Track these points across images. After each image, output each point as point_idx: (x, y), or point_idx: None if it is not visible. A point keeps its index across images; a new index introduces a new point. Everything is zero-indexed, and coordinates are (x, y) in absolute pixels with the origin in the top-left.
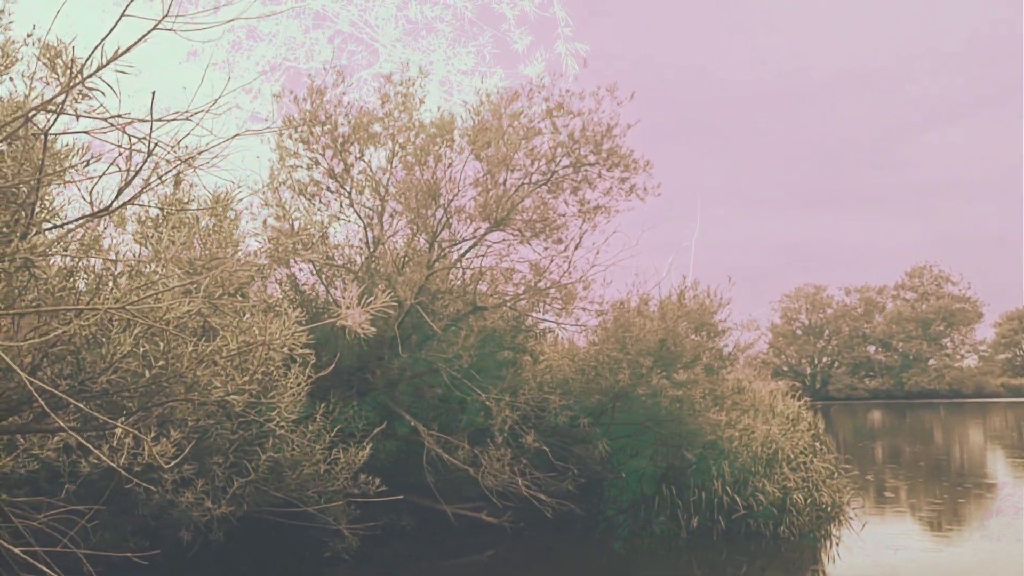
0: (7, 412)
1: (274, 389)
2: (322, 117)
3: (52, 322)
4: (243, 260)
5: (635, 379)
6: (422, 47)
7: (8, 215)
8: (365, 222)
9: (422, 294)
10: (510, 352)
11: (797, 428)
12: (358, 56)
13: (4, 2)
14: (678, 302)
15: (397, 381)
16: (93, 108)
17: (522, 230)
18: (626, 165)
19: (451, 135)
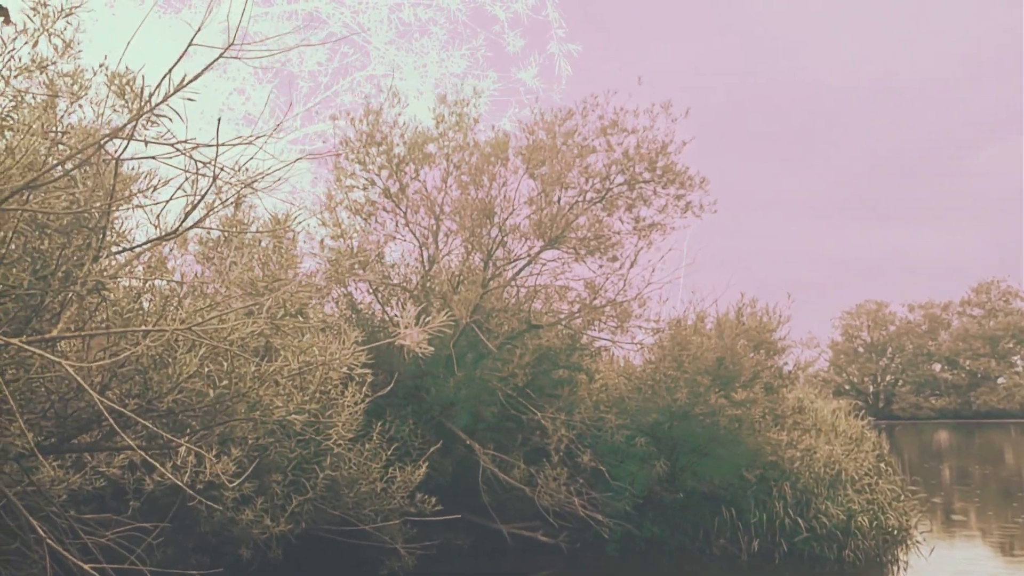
0: (77, 431)
1: (332, 407)
2: (378, 138)
3: (121, 342)
4: (304, 281)
5: (693, 398)
6: (415, 49)
7: (81, 239)
8: (420, 241)
9: (477, 312)
10: (565, 370)
11: (861, 448)
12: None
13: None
14: (736, 320)
15: (453, 400)
16: (161, 134)
17: (577, 248)
18: (681, 182)
19: (505, 154)
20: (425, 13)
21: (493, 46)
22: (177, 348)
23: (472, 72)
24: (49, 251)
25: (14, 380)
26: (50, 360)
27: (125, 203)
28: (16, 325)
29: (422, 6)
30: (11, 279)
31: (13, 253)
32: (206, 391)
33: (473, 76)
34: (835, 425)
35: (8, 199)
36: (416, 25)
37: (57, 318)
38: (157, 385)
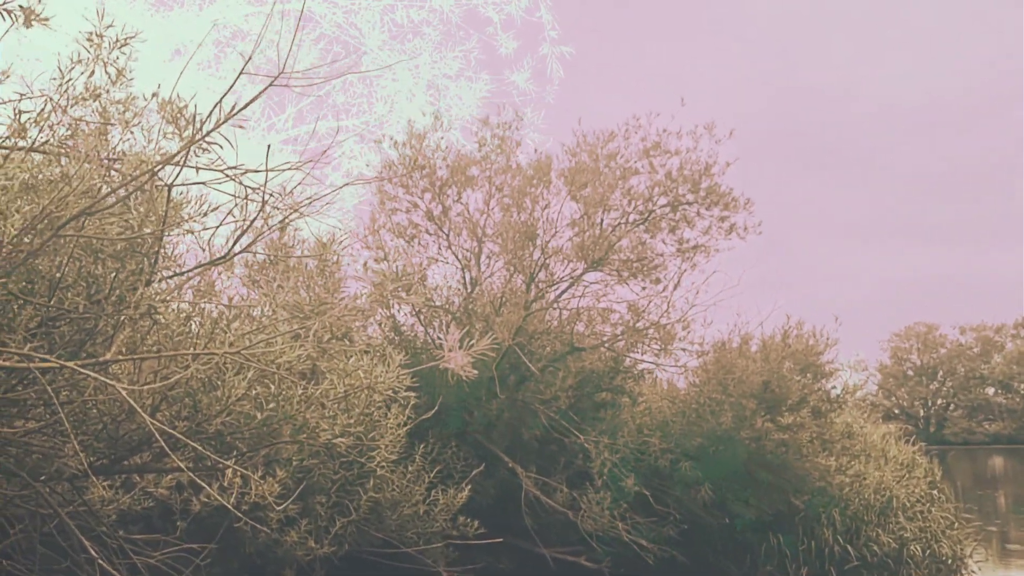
0: (128, 452)
1: (375, 429)
2: (421, 161)
3: (171, 365)
4: (350, 305)
5: (738, 422)
6: (408, 50)
7: (134, 264)
8: (463, 263)
9: (520, 335)
10: (608, 393)
11: (912, 474)
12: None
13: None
14: (782, 342)
15: (495, 422)
16: (211, 161)
17: (619, 270)
18: (725, 204)
19: (548, 176)
20: (418, 15)
21: (486, 48)
22: (226, 371)
23: (465, 74)
24: (103, 276)
25: (68, 402)
26: (103, 383)
27: (176, 228)
28: (71, 348)
29: (415, 7)
30: (67, 303)
31: (68, 277)
32: (254, 414)
33: (465, 78)
34: (885, 450)
35: (65, 225)
36: (409, 27)
37: (110, 341)
38: (206, 408)
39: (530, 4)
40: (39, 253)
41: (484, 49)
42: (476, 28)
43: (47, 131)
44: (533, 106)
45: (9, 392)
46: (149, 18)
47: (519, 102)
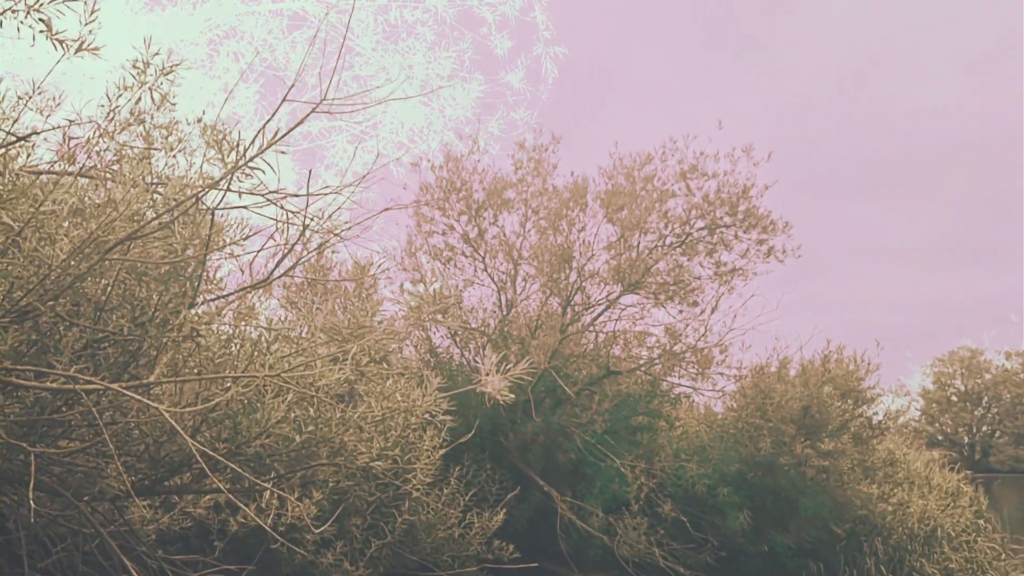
0: (169, 473)
1: (411, 452)
2: (458, 184)
3: (212, 387)
4: (388, 329)
5: (777, 447)
6: (401, 50)
7: (177, 286)
8: (498, 285)
9: (555, 358)
10: (645, 417)
11: (957, 503)
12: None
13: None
14: (822, 367)
15: (530, 445)
16: (254, 186)
17: (656, 293)
18: (763, 227)
19: (584, 199)
20: (412, 15)
21: (480, 48)
22: (265, 393)
23: (458, 74)
24: (147, 298)
25: (112, 423)
26: (146, 404)
27: (219, 251)
28: (115, 370)
29: (408, 8)
30: (112, 325)
31: (113, 300)
32: (292, 436)
33: (459, 78)
34: (929, 478)
35: (111, 249)
36: (403, 27)
37: (153, 363)
38: (246, 430)
39: (524, 4)
40: (86, 276)
41: (478, 49)
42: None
43: (94, 156)
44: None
45: (55, 413)
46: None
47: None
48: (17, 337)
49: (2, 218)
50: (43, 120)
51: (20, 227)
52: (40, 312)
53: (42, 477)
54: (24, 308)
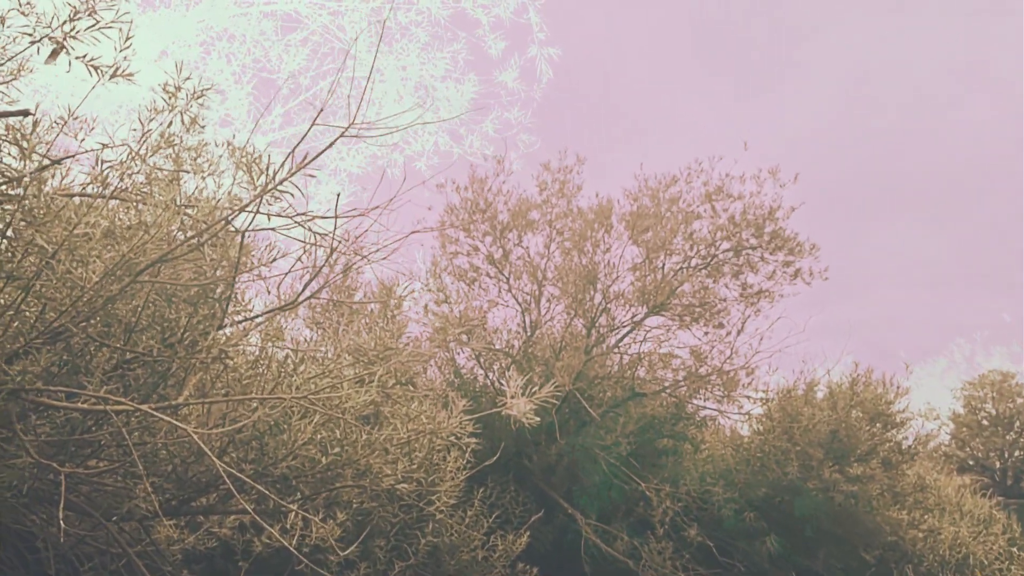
0: (196, 493)
1: (435, 473)
2: (482, 205)
3: (239, 408)
4: (415, 351)
5: (805, 472)
6: (395, 51)
7: (206, 308)
8: (523, 307)
9: (580, 379)
10: (670, 440)
11: (990, 530)
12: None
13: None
14: (850, 390)
15: (555, 467)
16: (282, 208)
17: (681, 315)
18: (790, 249)
19: (609, 221)
20: (405, 16)
21: (474, 49)
22: (292, 415)
23: (452, 75)
24: (176, 320)
25: (140, 444)
26: (174, 425)
27: (247, 273)
28: (144, 391)
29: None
30: (142, 346)
31: (143, 321)
32: (319, 458)
33: (453, 79)
34: (960, 504)
35: (143, 272)
36: (397, 29)
37: (181, 384)
38: (272, 451)
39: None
40: (117, 298)
41: (471, 50)
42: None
43: (126, 179)
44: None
45: (85, 433)
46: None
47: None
48: (49, 358)
49: (36, 240)
50: (77, 143)
51: (54, 250)
52: (72, 333)
53: (71, 497)
54: (56, 329)
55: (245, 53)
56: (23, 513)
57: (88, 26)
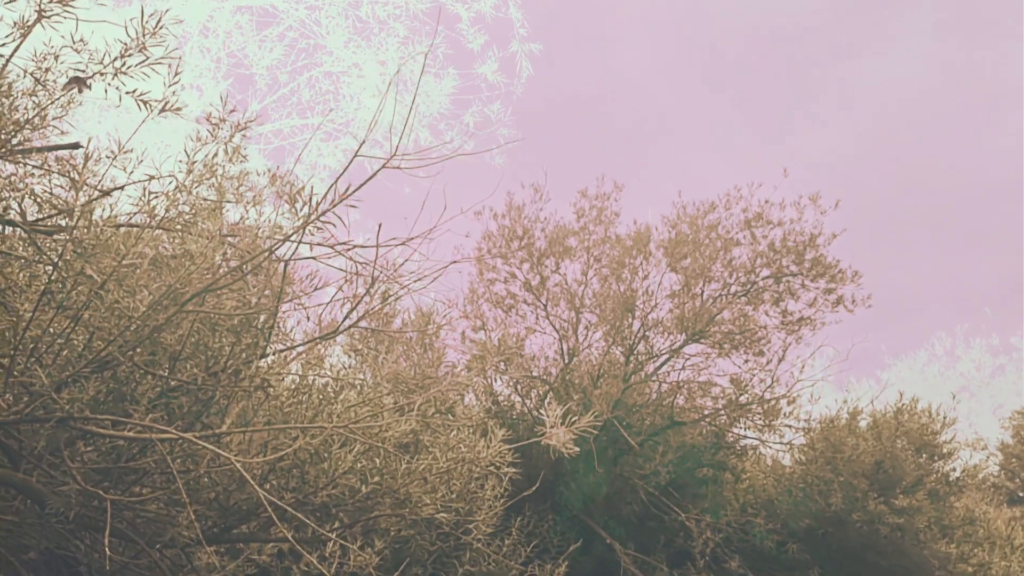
0: (238, 521)
1: (472, 502)
2: (519, 232)
3: (280, 436)
4: (454, 381)
5: (849, 503)
6: (373, 45)
7: (249, 337)
8: (560, 334)
9: (618, 407)
10: (710, 469)
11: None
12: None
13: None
14: (894, 419)
15: (593, 496)
16: (325, 238)
17: (721, 343)
18: (832, 276)
19: (647, 247)
20: (383, 10)
21: (454, 44)
22: (333, 443)
23: (431, 69)
24: (219, 349)
25: (183, 471)
26: (217, 453)
27: (290, 302)
28: (188, 419)
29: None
30: (186, 375)
31: (187, 350)
32: (359, 487)
33: (433, 75)
34: (1011, 537)
35: (188, 301)
36: (375, 24)
37: (224, 413)
38: (313, 480)
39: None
40: (163, 327)
41: (452, 44)
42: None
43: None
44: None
45: (130, 460)
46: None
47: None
48: (96, 387)
49: (86, 271)
50: (126, 175)
51: (103, 280)
52: (119, 362)
53: (116, 523)
54: (104, 358)
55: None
56: (68, 539)
57: (138, 62)
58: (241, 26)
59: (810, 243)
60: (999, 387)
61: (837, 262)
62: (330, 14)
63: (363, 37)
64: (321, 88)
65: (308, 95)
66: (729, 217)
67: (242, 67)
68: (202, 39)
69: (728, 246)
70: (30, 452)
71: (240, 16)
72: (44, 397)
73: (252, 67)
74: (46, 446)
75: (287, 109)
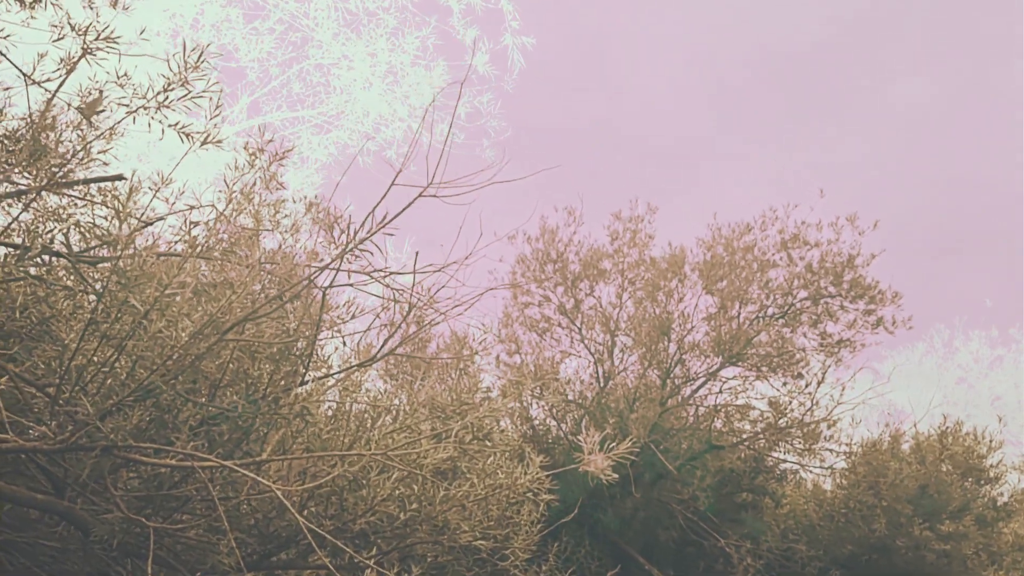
0: (277, 548)
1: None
2: (553, 255)
3: (319, 463)
4: (491, 407)
5: (893, 529)
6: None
7: (289, 365)
8: (595, 357)
9: (655, 431)
10: (749, 494)
11: None
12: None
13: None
14: (939, 443)
15: (630, 522)
16: (363, 266)
17: (758, 365)
18: (871, 297)
19: (682, 270)
20: (373, 3)
21: (444, 36)
22: (371, 470)
23: (420, 62)
24: (259, 377)
25: (224, 498)
26: (257, 481)
27: (328, 330)
28: (228, 447)
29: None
30: (226, 403)
31: (227, 378)
32: (397, 514)
33: (422, 66)
34: None
35: (229, 330)
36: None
37: (263, 440)
38: (352, 507)
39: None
40: (205, 355)
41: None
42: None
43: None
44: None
45: (172, 488)
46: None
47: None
48: (139, 415)
49: (130, 301)
50: (168, 206)
51: (146, 309)
52: (162, 391)
53: (157, 551)
54: (147, 387)
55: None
56: (111, 565)
57: (180, 96)
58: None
59: (848, 264)
60: (997, 379)
61: (876, 283)
62: (319, 7)
63: (352, 29)
64: (311, 81)
65: (299, 87)
66: (765, 238)
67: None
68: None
69: (764, 267)
70: (75, 480)
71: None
72: (89, 426)
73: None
74: (90, 474)
75: (277, 102)
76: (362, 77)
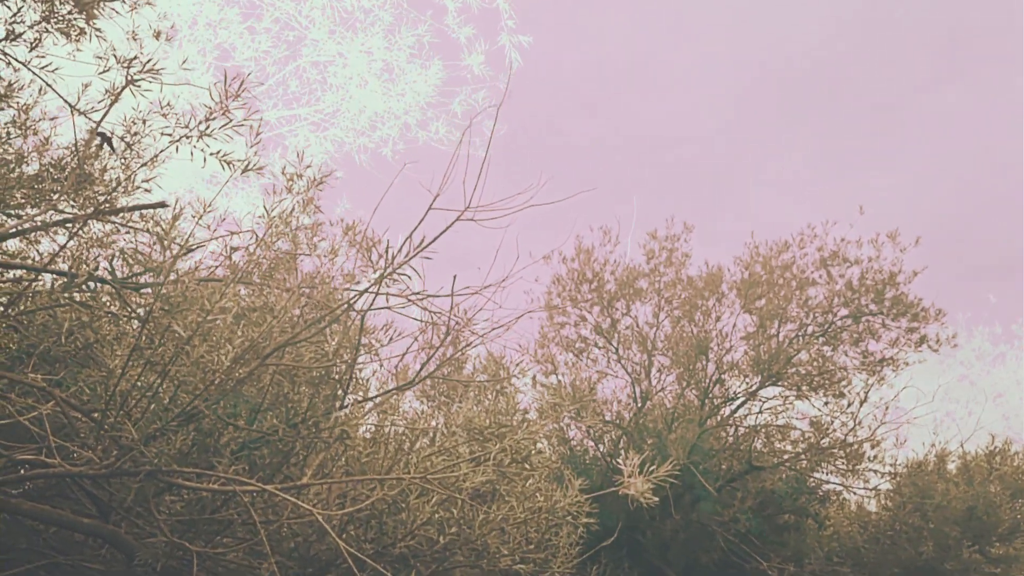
0: (318, 571)
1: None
2: (589, 275)
3: (358, 487)
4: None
5: (941, 552)
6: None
7: (329, 389)
8: (633, 377)
9: (694, 452)
10: (791, 515)
11: None
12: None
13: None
14: (986, 463)
15: (670, 543)
16: (401, 290)
17: (799, 384)
18: (914, 315)
19: (719, 289)
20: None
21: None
22: (410, 494)
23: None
24: (299, 401)
25: (265, 522)
26: (298, 505)
27: (367, 353)
28: (269, 471)
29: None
30: (267, 427)
31: (267, 402)
32: (436, 538)
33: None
34: None
35: (270, 355)
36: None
37: (303, 464)
38: (391, 530)
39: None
40: (246, 380)
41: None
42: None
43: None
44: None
45: (214, 512)
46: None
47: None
48: (182, 439)
49: (173, 327)
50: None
51: (189, 335)
52: (204, 415)
53: (199, 574)
54: (190, 412)
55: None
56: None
57: (221, 125)
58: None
59: (890, 281)
60: (1000, 376)
61: (919, 300)
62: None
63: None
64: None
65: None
66: (803, 256)
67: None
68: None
69: (803, 286)
70: (119, 504)
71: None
72: (133, 451)
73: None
74: (135, 498)
75: (273, 100)
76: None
